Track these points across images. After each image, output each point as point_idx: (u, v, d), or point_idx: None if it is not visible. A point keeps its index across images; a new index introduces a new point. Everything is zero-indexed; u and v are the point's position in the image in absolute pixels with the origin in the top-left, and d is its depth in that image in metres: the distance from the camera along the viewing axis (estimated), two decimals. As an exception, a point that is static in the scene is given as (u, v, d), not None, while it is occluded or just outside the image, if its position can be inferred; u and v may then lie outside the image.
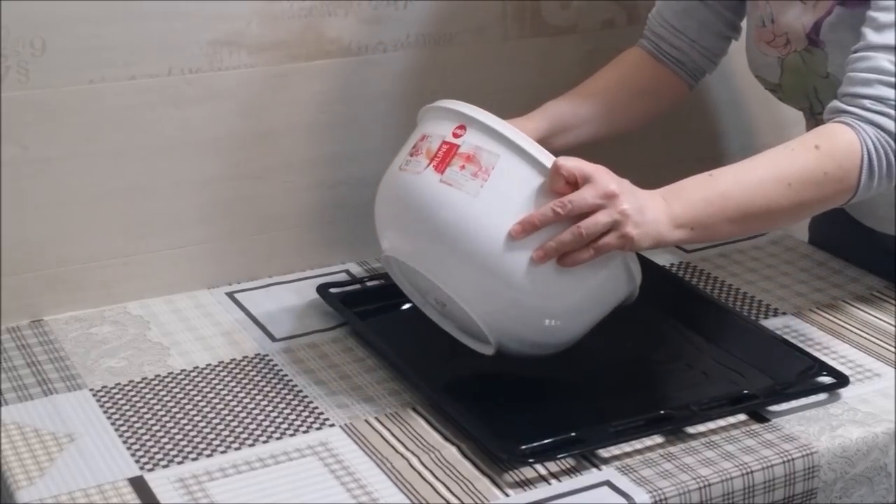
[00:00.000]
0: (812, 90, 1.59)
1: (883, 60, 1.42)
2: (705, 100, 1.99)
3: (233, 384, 1.47)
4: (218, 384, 1.47)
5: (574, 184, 1.35)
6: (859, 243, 1.72)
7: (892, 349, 1.54)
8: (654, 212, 1.36)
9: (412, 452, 1.34)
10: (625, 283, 1.41)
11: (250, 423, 1.39)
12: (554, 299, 1.37)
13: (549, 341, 1.41)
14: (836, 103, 1.45)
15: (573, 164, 1.34)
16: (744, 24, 1.72)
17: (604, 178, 1.35)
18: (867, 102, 1.42)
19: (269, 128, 1.69)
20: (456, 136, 1.39)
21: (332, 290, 1.64)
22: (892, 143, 1.41)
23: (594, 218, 1.34)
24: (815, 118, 1.66)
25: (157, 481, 1.29)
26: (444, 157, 1.38)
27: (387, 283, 1.66)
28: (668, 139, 1.92)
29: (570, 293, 1.37)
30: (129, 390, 1.45)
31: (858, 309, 1.64)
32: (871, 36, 1.44)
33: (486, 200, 1.34)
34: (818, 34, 1.54)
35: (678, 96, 1.78)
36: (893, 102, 1.41)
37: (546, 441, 1.32)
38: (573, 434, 1.33)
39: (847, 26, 1.51)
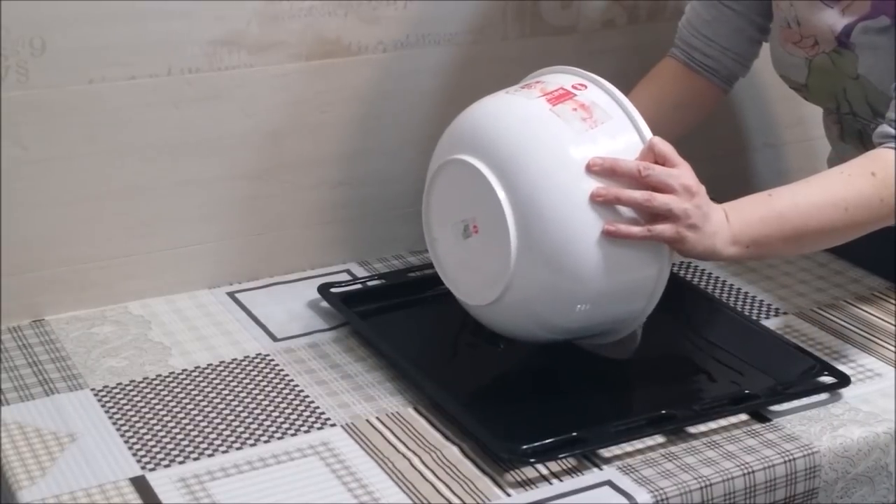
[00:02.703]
0: (841, 91, 1.60)
1: None
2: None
3: (234, 384, 1.47)
4: (219, 384, 1.47)
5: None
6: (868, 239, 1.72)
7: (893, 349, 1.54)
8: (716, 225, 1.37)
9: (413, 452, 1.34)
10: (644, 297, 1.41)
11: (252, 423, 1.39)
12: (587, 271, 1.35)
13: (548, 316, 1.39)
14: (886, 128, 1.46)
15: (667, 148, 1.37)
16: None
17: (689, 172, 1.37)
18: None
19: (269, 128, 1.69)
20: (575, 88, 1.41)
21: (334, 290, 1.64)
22: None
23: (666, 197, 1.35)
24: (838, 115, 1.66)
25: (159, 481, 1.29)
26: (560, 97, 1.40)
27: (388, 283, 1.67)
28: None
29: (602, 272, 1.35)
30: (131, 390, 1.45)
31: (860, 309, 1.64)
32: None
33: (585, 142, 1.36)
34: (849, 37, 1.54)
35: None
36: None
37: (547, 441, 1.32)
38: (574, 434, 1.33)
39: (882, 31, 1.51)
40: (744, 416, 1.40)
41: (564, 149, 1.35)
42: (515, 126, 1.38)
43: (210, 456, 1.33)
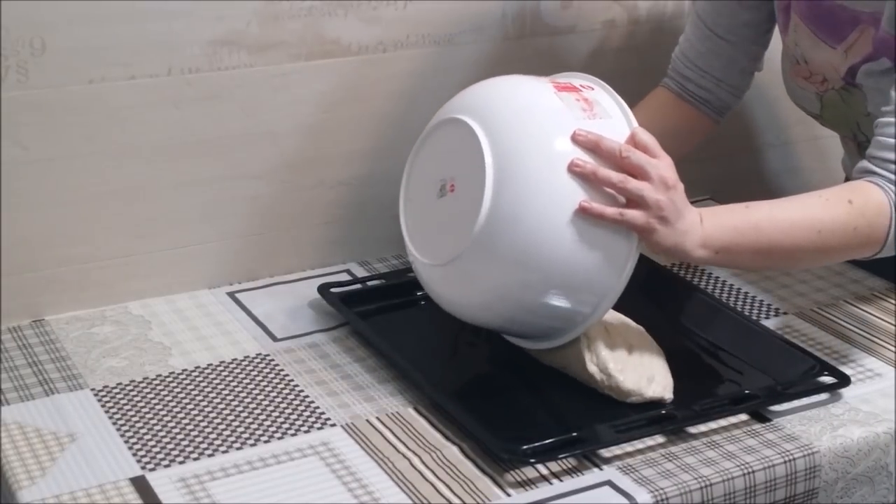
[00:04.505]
0: (855, 125, 1.60)
1: None
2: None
3: (234, 384, 1.47)
4: (219, 384, 1.47)
5: None
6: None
7: (893, 349, 1.54)
8: (689, 224, 1.37)
9: (413, 452, 1.34)
10: (597, 296, 1.38)
11: (252, 423, 1.39)
12: (551, 247, 1.34)
13: (496, 290, 1.38)
14: (865, 164, 1.46)
15: (649, 139, 1.38)
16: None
17: (668, 167, 1.37)
18: (895, 167, 1.44)
19: (269, 128, 1.69)
20: (583, 87, 1.43)
21: (333, 290, 1.64)
22: None
23: (640, 183, 1.35)
24: (856, 141, 1.66)
25: (159, 481, 1.29)
26: (566, 88, 1.42)
27: (388, 283, 1.66)
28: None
29: (566, 252, 1.35)
30: (131, 390, 1.45)
31: (860, 309, 1.64)
32: None
33: (580, 125, 1.37)
34: (854, 77, 1.54)
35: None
36: None
37: (547, 441, 1.32)
38: (574, 434, 1.33)
39: (885, 73, 1.52)
40: (744, 416, 1.40)
41: (558, 125, 1.36)
42: (516, 97, 1.40)
43: (210, 456, 1.33)
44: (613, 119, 1.40)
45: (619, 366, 1.42)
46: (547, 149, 1.35)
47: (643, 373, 1.42)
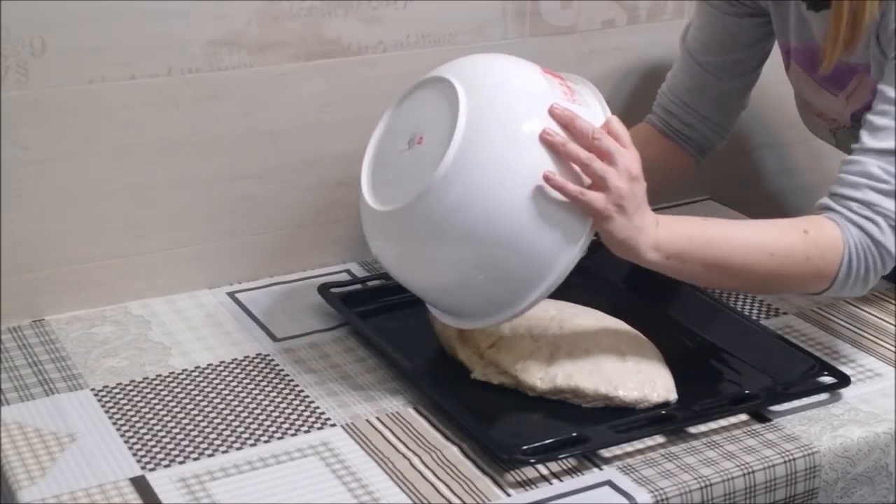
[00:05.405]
0: None
1: (873, 166, 1.43)
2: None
3: (234, 384, 1.47)
4: (219, 384, 1.47)
5: None
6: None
7: (893, 349, 1.54)
8: (645, 222, 1.37)
9: (413, 452, 1.34)
10: (537, 277, 1.37)
11: (252, 423, 1.39)
12: (503, 213, 1.34)
13: (437, 251, 1.38)
14: (825, 200, 1.46)
15: (622, 130, 1.38)
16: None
17: (635, 160, 1.37)
18: (854, 205, 1.43)
19: (269, 128, 1.69)
20: (570, 81, 1.44)
21: (333, 290, 1.64)
22: (872, 248, 1.42)
23: (607, 167, 1.34)
24: None
25: (159, 481, 1.29)
26: (553, 74, 1.43)
27: (388, 283, 1.66)
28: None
29: (516, 224, 1.34)
30: (131, 390, 1.45)
31: (860, 309, 1.64)
32: (866, 139, 1.45)
33: (559, 103, 1.37)
34: (860, 122, 1.54)
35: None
36: (879, 208, 1.42)
37: (547, 441, 1.32)
38: (574, 434, 1.33)
39: None
40: (744, 416, 1.40)
41: (537, 99, 1.37)
42: (503, 68, 1.42)
43: (210, 456, 1.33)
44: (592, 109, 1.40)
45: (614, 383, 1.42)
46: (522, 117, 1.36)
47: (643, 378, 1.42)
